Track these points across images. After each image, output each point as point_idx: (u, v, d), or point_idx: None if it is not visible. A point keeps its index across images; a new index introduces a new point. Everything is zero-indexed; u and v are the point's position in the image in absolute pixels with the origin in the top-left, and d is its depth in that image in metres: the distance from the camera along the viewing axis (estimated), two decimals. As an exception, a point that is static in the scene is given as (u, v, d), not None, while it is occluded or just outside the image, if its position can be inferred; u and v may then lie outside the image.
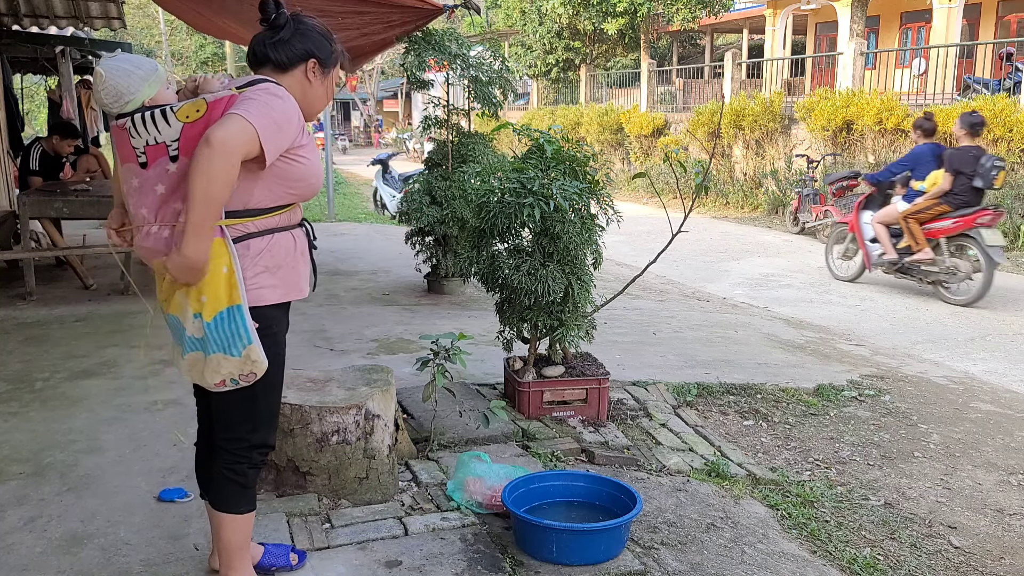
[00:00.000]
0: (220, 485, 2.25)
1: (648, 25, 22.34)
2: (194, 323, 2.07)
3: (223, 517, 2.24)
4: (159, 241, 2.05)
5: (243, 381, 2.13)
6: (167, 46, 27.57)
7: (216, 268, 2.03)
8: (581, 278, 3.83)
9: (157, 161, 2.03)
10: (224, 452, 2.24)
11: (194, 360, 2.13)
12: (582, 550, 2.61)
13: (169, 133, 2.01)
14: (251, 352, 2.08)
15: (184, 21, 8.95)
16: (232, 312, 2.05)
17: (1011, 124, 10.19)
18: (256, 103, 2.01)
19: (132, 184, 2.08)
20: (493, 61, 6.35)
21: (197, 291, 2.04)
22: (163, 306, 2.18)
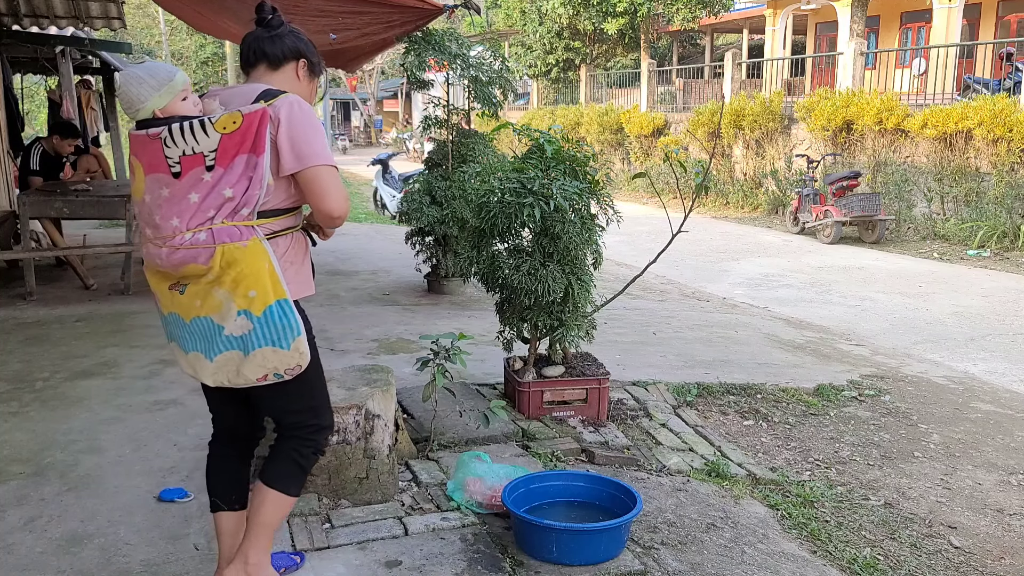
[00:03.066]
0: (281, 464, 2.28)
1: (648, 25, 22.34)
2: (237, 321, 2.08)
3: (269, 493, 2.24)
4: (195, 247, 2.06)
5: (287, 374, 2.16)
6: (167, 46, 27.54)
7: (260, 264, 2.08)
8: (581, 278, 3.83)
9: (192, 171, 2.06)
10: (293, 438, 2.29)
11: (227, 360, 2.14)
12: (582, 550, 2.61)
13: (207, 144, 2.05)
14: (299, 344, 2.13)
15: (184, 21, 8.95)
16: (281, 305, 2.10)
17: (1011, 124, 10.18)
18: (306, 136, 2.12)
19: (161, 194, 2.09)
20: (493, 61, 6.35)
21: (244, 287, 2.07)
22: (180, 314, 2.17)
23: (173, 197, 2.07)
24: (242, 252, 2.06)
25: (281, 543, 2.66)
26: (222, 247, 2.04)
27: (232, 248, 2.05)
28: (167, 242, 2.08)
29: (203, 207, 2.06)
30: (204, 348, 2.15)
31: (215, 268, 2.05)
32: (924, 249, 10.57)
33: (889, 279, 8.71)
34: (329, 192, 2.14)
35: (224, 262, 2.05)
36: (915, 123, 11.35)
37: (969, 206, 10.87)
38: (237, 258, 2.05)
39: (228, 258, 2.05)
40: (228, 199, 2.05)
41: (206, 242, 2.05)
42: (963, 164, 10.95)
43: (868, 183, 11.95)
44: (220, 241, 2.05)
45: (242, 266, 2.06)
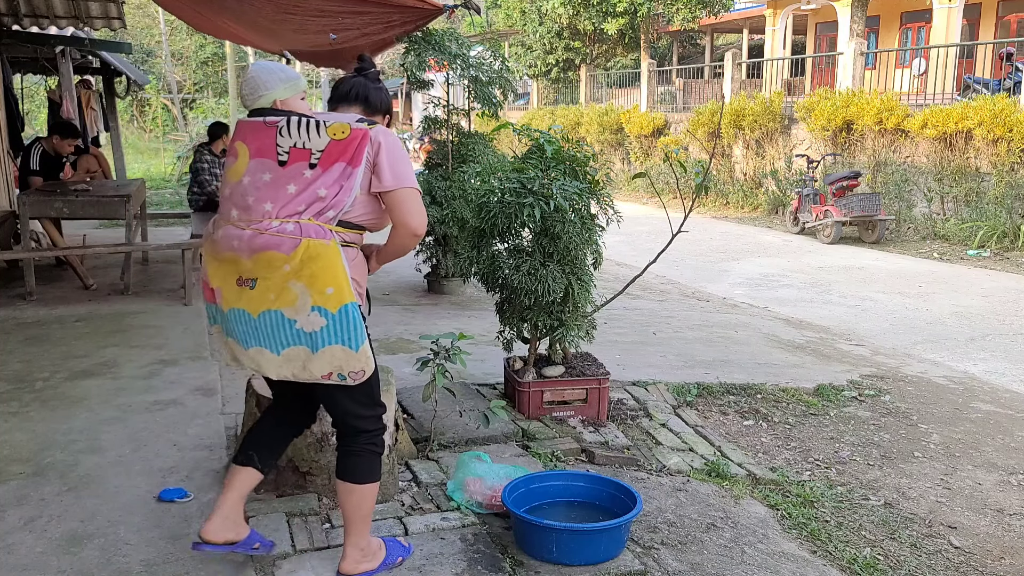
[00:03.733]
0: (362, 459, 2.40)
1: (648, 25, 22.34)
2: (311, 316, 2.18)
3: (361, 488, 2.38)
4: (280, 235, 2.18)
5: (351, 378, 2.26)
6: (167, 46, 27.51)
7: (338, 264, 2.20)
8: (581, 278, 3.83)
9: (297, 163, 2.23)
10: (361, 433, 2.40)
11: (294, 354, 2.23)
12: (582, 550, 2.61)
13: (317, 143, 2.23)
14: (366, 349, 2.25)
15: (184, 21, 8.95)
16: (355, 307, 2.22)
17: (1011, 124, 10.18)
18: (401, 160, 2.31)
19: (262, 178, 2.24)
20: (493, 61, 6.35)
21: (322, 283, 2.17)
22: (247, 309, 2.24)
23: (273, 183, 2.23)
24: (325, 249, 2.18)
25: (282, 544, 2.66)
26: (308, 240, 2.17)
27: (316, 244, 2.18)
28: (253, 224, 2.21)
29: (297, 199, 2.20)
30: (270, 343, 2.24)
31: (296, 259, 2.16)
32: (924, 249, 10.58)
33: (889, 279, 8.71)
34: (415, 211, 2.31)
35: (307, 255, 2.16)
36: (915, 123, 11.34)
37: (969, 206, 10.87)
38: (320, 253, 2.18)
39: (312, 252, 2.17)
40: (320, 198, 2.21)
41: (292, 233, 2.18)
42: (963, 164, 10.94)
43: (868, 183, 11.95)
44: (306, 235, 2.18)
45: (323, 262, 2.18)
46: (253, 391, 3.02)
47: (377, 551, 2.52)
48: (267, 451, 2.54)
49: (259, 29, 6.71)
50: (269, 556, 2.59)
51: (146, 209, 8.25)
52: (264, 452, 2.52)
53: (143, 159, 21.43)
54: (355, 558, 2.46)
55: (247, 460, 2.49)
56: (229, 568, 2.54)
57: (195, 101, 29.13)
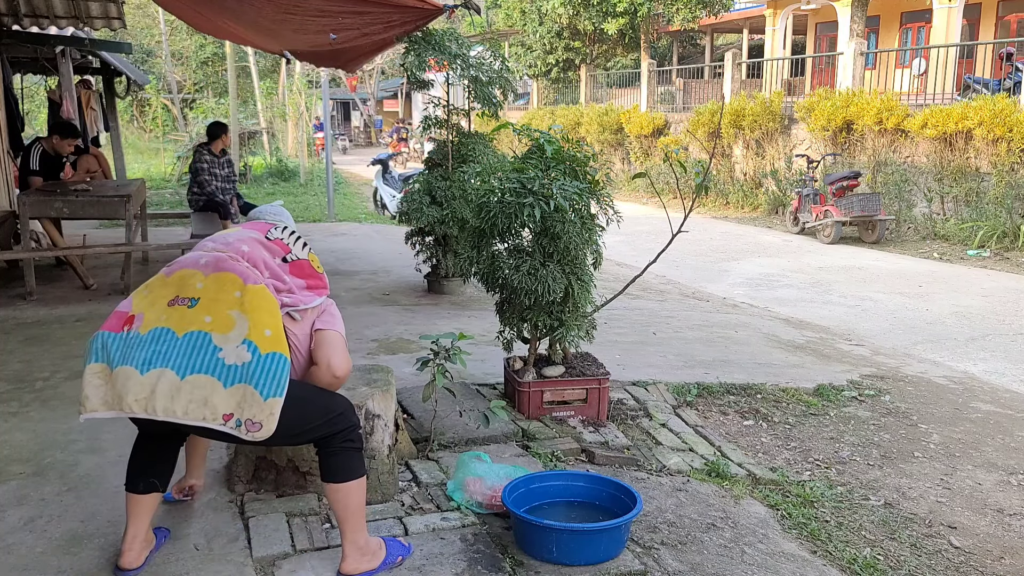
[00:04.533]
0: (339, 459, 2.44)
1: (648, 25, 22.34)
2: (239, 348, 2.19)
3: (346, 487, 2.42)
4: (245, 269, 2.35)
5: (247, 428, 2.19)
6: (167, 46, 27.49)
7: (280, 324, 2.31)
8: (581, 278, 3.83)
9: (275, 247, 2.51)
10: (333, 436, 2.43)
11: (200, 384, 2.17)
12: (582, 550, 2.61)
13: (298, 251, 2.55)
14: (274, 405, 2.20)
15: (184, 21, 8.95)
16: (284, 360, 2.24)
17: (1011, 124, 10.18)
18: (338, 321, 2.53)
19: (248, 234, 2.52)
20: (493, 61, 6.35)
21: (264, 324, 2.24)
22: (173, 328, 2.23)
23: (256, 242, 2.48)
24: (274, 302, 2.33)
25: (282, 544, 2.66)
26: (265, 287, 2.33)
27: (270, 293, 2.34)
28: (227, 253, 2.39)
29: (266, 265, 2.44)
30: (180, 364, 2.18)
31: (250, 293, 2.28)
32: (924, 249, 10.58)
33: (889, 279, 8.72)
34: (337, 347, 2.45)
35: (262, 296, 2.30)
36: (915, 123, 11.35)
37: (969, 206, 10.87)
38: (269, 299, 2.31)
39: (265, 294, 2.31)
40: (282, 280, 2.43)
41: (256, 275, 2.36)
42: (963, 164, 10.95)
43: (868, 183, 11.95)
44: (266, 284, 2.35)
45: (271, 307, 2.30)
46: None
47: (377, 551, 2.52)
48: (163, 471, 2.56)
49: (259, 29, 6.71)
50: (269, 556, 2.59)
51: (146, 209, 8.25)
52: (161, 475, 2.55)
53: (143, 159, 21.44)
54: (355, 557, 2.46)
55: (149, 487, 2.49)
56: (229, 568, 2.54)
57: (195, 101, 29.12)
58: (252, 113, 23.79)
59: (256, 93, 23.52)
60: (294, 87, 21.63)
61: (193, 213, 8.11)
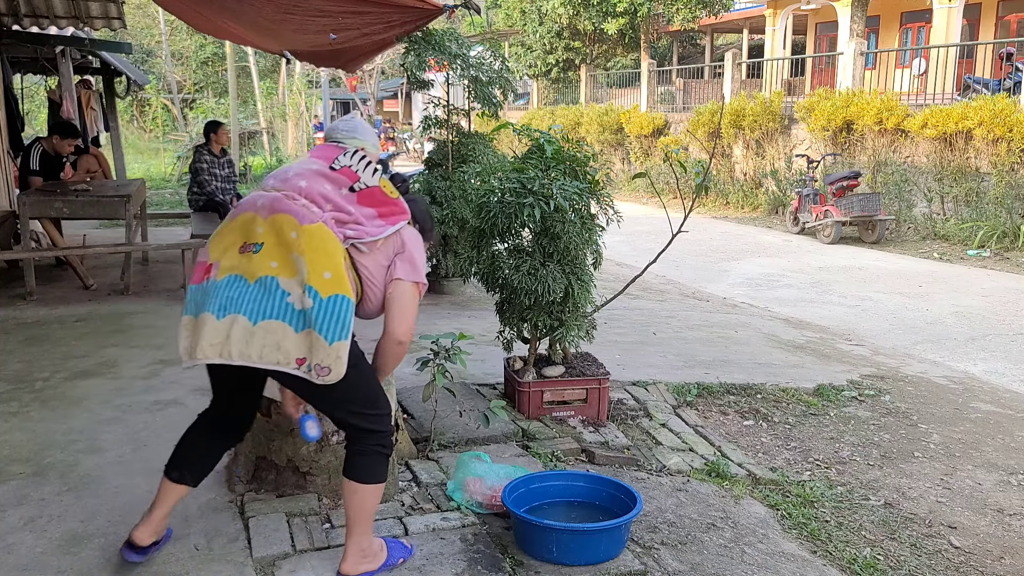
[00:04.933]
0: (366, 460, 2.40)
1: (648, 25, 22.34)
2: (303, 295, 2.17)
3: (365, 488, 2.39)
4: (303, 208, 2.29)
5: (316, 373, 2.19)
6: (167, 46, 27.48)
7: (340, 258, 2.26)
8: (581, 278, 3.83)
9: (341, 177, 2.41)
10: (370, 434, 2.40)
11: (272, 329, 2.18)
12: (582, 550, 2.61)
13: (367, 179, 2.43)
14: (340, 348, 2.19)
15: (184, 21, 8.95)
16: (346, 301, 2.21)
17: (1011, 124, 10.18)
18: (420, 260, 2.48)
19: (309, 166, 2.42)
20: (493, 61, 6.35)
21: (322, 266, 2.20)
22: (244, 274, 2.23)
23: (316, 174, 2.39)
24: (333, 238, 2.27)
25: (282, 544, 2.66)
26: (322, 223, 2.27)
27: (328, 230, 2.27)
28: (282, 191, 2.34)
29: (328, 198, 2.35)
30: (253, 310, 2.18)
31: (306, 233, 2.23)
32: (924, 249, 10.58)
33: (889, 279, 8.71)
34: (407, 314, 2.41)
35: (318, 234, 2.24)
36: (915, 123, 11.35)
37: (969, 206, 10.87)
38: (328, 238, 2.25)
39: (322, 234, 2.25)
40: (346, 211, 2.35)
41: (312, 213, 2.29)
42: (963, 164, 10.95)
43: (868, 183, 11.95)
44: (323, 220, 2.29)
45: (329, 246, 2.24)
46: (253, 391, 3.02)
47: (378, 552, 2.52)
48: (199, 469, 2.55)
49: (259, 29, 6.71)
50: (269, 556, 2.59)
51: (146, 209, 8.26)
52: (196, 471, 2.54)
53: (143, 159, 21.43)
54: (355, 559, 2.46)
55: (180, 479, 2.51)
56: (229, 568, 2.55)
57: (195, 101, 29.13)
58: (252, 113, 23.80)
59: (256, 93, 23.53)
60: (294, 87, 21.64)
61: (193, 213, 8.11)
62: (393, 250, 2.43)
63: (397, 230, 2.43)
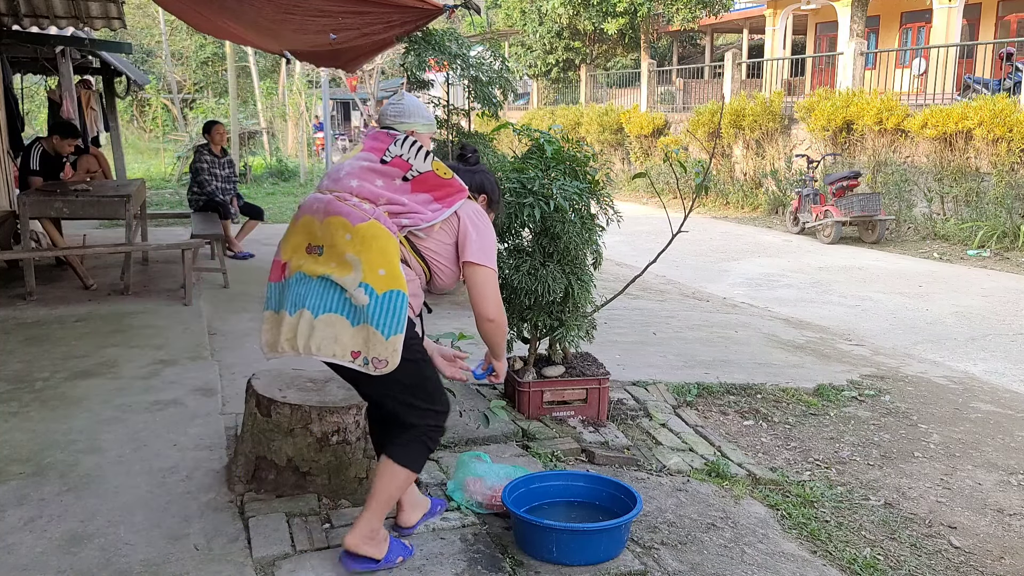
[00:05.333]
0: (410, 445, 2.46)
1: (648, 25, 22.34)
2: (358, 291, 2.27)
3: (397, 469, 2.44)
4: (355, 208, 2.35)
5: (374, 366, 2.29)
6: (167, 46, 27.46)
7: (394, 252, 2.32)
8: (581, 278, 3.83)
9: (394, 168, 2.44)
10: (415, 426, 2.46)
11: (331, 322, 2.29)
12: (582, 550, 2.61)
13: (419, 165, 2.45)
14: (396, 342, 2.28)
15: (184, 21, 8.95)
16: (401, 296, 2.29)
17: (1011, 124, 10.18)
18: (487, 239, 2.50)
19: (360, 163, 2.46)
20: (493, 61, 6.35)
21: (376, 263, 2.28)
22: (308, 272, 2.35)
23: (368, 170, 2.44)
24: (386, 235, 2.32)
25: (282, 544, 2.66)
26: (374, 221, 2.33)
27: (381, 227, 2.32)
28: (335, 193, 2.40)
29: (380, 192, 2.41)
30: (315, 304, 2.32)
31: (358, 233, 2.30)
32: (924, 249, 10.58)
33: (889, 279, 8.72)
34: (488, 295, 2.47)
35: (369, 232, 2.30)
36: (915, 123, 11.35)
37: (969, 206, 10.87)
38: (380, 235, 2.31)
39: (374, 231, 2.31)
40: (400, 203, 2.40)
41: (364, 212, 2.35)
42: (963, 164, 10.95)
43: (868, 183, 11.95)
44: (375, 217, 2.34)
45: (382, 243, 2.30)
46: (253, 391, 3.02)
47: (382, 543, 2.53)
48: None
49: (259, 29, 6.71)
50: (269, 556, 2.60)
51: (146, 209, 8.25)
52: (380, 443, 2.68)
53: (143, 159, 21.44)
54: (362, 534, 2.47)
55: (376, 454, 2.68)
56: (229, 568, 2.55)
57: (195, 101, 29.12)
58: (252, 113, 23.79)
59: (256, 93, 23.53)
60: (294, 87, 21.63)
61: (193, 213, 8.11)
62: (455, 229, 2.49)
63: (454, 211, 2.47)
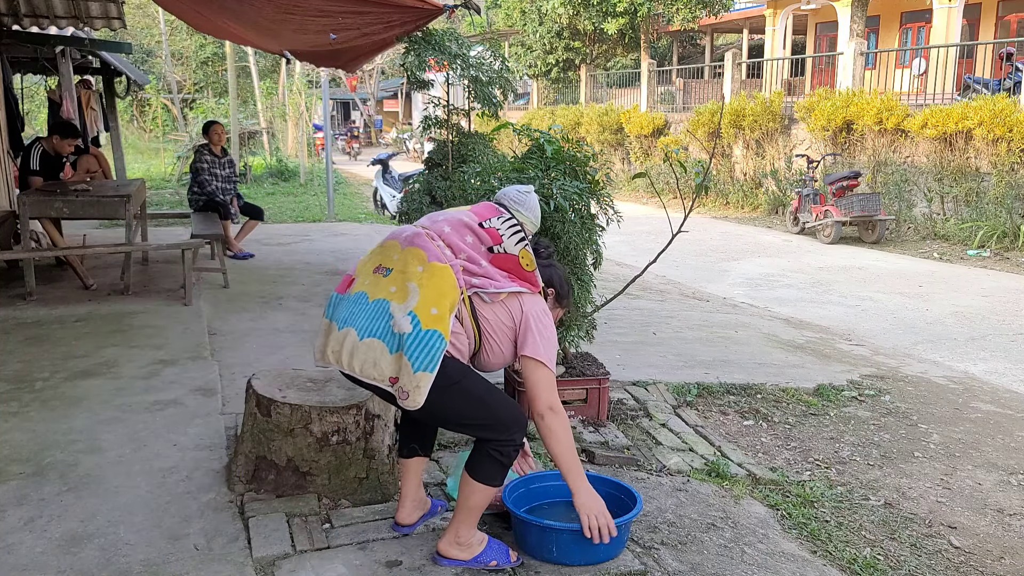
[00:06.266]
0: (484, 460, 2.49)
1: (648, 25, 22.34)
2: (404, 319, 2.34)
3: (476, 485, 2.49)
4: (435, 249, 2.46)
5: (399, 395, 2.36)
6: (167, 46, 27.46)
7: (450, 299, 2.39)
8: (581, 278, 3.83)
9: (487, 235, 2.56)
10: (486, 441, 2.49)
11: (372, 346, 2.37)
12: (582, 550, 2.60)
13: (509, 246, 2.56)
14: (422, 379, 2.32)
15: (184, 21, 8.95)
16: (441, 339, 2.35)
17: (1011, 124, 10.18)
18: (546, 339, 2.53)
19: (460, 217, 2.60)
20: (493, 61, 6.34)
21: (431, 300, 2.36)
22: (368, 292, 2.45)
23: (463, 225, 2.56)
24: (453, 283, 2.41)
25: (282, 544, 2.66)
26: (448, 266, 2.43)
27: (451, 273, 2.43)
28: (426, 229, 2.54)
29: (464, 247, 2.52)
30: (363, 326, 2.39)
31: (429, 269, 2.41)
32: (924, 249, 10.58)
33: (889, 279, 8.72)
34: (541, 391, 2.48)
35: (439, 272, 2.41)
36: (915, 123, 11.35)
37: (969, 206, 10.87)
38: (447, 279, 2.41)
39: (443, 274, 2.41)
40: (478, 264, 2.51)
41: (444, 256, 2.46)
42: (963, 164, 10.95)
43: (868, 183, 11.95)
44: (451, 264, 2.45)
45: (444, 286, 2.40)
46: (253, 391, 3.02)
47: (475, 545, 2.58)
48: (423, 440, 2.79)
49: (259, 29, 6.71)
50: (269, 556, 2.60)
51: (146, 209, 8.25)
52: (422, 442, 2.78)
53: (143, 159, 21.43)
54: (449, 541, 2.56)
55: (411, 452, 2.76)
56: (229, 568, 2.55)
57: (195, 101, 29.11)
58: (252, 113, 23.79)
59: (256, 93, 23.52)
60: (294, 87, 21.62)
61: (193, 213, 8.11)
62: (516, 315, 2.53)
63: (519, 294, 2.54)
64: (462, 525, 2.55)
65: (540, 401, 2.47)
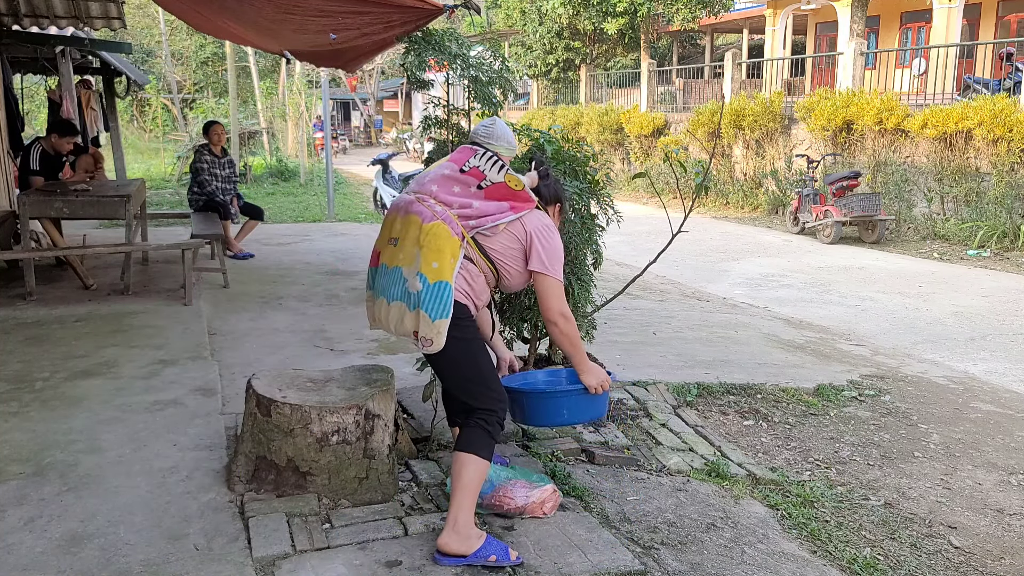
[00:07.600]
0: (473, 435, 2.69)
1: (648, 25, 22.34)
2: (415, 280, 2.65)
3: (465, 457, 2.65)
4: (428, 209, 2.73)
5: (422, 344, 2.66)
6: (167, 46, 27.45)
7: (448, 249, 2.66)
8: (581, 278, 3.83)
9: (470, 177, 2.82)
10: (476, 410, 2.73)
11: (397, 308, 2.71)
12: (589, 407, 2.99)
13: (492, 176, 2.82)
14: (440, 325, 2.62)
15: (184, 21, 8.95)
16: (447, 287, 2.64)
17: (1011, 124, 10.18)
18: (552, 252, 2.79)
19: (442, 172, 2.85)
20: (493, 61, 6.33)
21: (432, 257, 2.65)
22: (387, 262, 2.78)
23: (447, 178, 2.82)
24: (447, 235, 2.68)
25: (281, 543, 2.66)
26: (440, 222, 2.70)
27: (444, 227, 2.69)
28: (417, 195, 2.80)
29: (454, 198, 2.77)
30: (389, 292, 2.75)
31: (425, 231, 2.68)
32: (924, 249, 10.58)
33: (889, 279, 8.72)
34: (551, 301, 2.74)
35: (433, 231, 2.68)
36: (915, 123, 11.35)
37: (969, 206, 10.87)
38: (441, 234, 2.68)
39: (436, 230, 2.68)
40: (470, 207, 2.76)
41: (435, 214, 2.72)
42: (963, 164, 10.95)
43: (868, 183, 11.95)
44: (442, 219, 2.71)
45: (440, 242, 2.67)
46: (253, 391, 3.02)
47: (473, 538, 2.61)
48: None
49: (259, 29, 6.71)
50: (269, 556, 2.60)
51: (146, 209, 8.25)
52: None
53: (143, 159, 21.43)
54: (447, 532, 2.61)
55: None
56: (229, 568, 2.55)
57: (195, 101, 29.11)
58: (252, 113, 23.78)
59: (256, 93, 23.51)
60: (294, 87, 21.61)
61: (193, 213, 8.11)
62: (521, 236, 2.78)
63: (519, 218, 2.78)
64: (460, 511, 2.61)
65: (552, 309, 2.75)
